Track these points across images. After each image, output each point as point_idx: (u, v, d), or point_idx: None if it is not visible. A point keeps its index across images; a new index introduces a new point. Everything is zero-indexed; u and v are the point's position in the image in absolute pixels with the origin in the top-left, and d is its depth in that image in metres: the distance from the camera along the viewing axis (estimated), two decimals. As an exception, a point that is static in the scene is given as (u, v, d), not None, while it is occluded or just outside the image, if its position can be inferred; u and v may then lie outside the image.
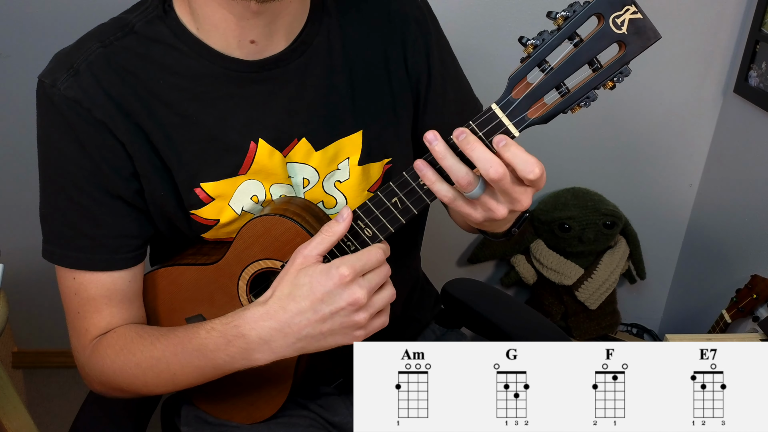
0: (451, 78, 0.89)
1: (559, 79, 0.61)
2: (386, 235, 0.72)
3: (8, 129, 1.58)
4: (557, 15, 0.59)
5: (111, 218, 0.78)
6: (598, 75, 0.61)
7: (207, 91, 0.77)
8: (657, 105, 1.64)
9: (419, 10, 0.85)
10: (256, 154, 0.78)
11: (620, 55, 0.60)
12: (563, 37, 0.60)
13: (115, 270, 0.80)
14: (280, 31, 0.76)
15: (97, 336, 0.81)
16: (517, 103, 0.62)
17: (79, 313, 0.81)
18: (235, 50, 0.76)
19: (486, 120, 0.63)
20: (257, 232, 0.78)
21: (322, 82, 0.80)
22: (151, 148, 0.76)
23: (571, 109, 0.63)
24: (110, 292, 0.80)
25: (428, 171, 0.66)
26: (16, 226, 1.63)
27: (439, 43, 0.87)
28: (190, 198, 0.79)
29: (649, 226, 1.79)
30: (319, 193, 0.83)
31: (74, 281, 0.80)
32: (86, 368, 0.83)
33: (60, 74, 0.74)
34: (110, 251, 0.79)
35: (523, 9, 1.52)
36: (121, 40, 0.75)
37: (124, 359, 0.78)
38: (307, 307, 0.68)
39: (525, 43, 0.61)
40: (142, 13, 0.77)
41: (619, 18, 0.58)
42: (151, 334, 0.78)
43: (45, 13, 1.46)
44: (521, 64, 0.62)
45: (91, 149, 0.75)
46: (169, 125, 0.76)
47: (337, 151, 0.82)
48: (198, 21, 0.75)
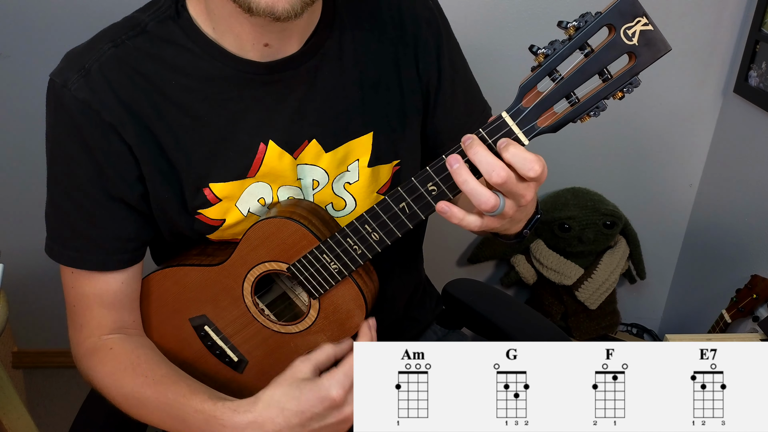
0: (461, 80, 0.89)
1: (569, 89, 0.61)
2: (393, 240, 0.73)
3: (8, 129, 1.58)
4: (568, 25, 0.59)
5: (110, 221, 0.79)
6: (608, 85, 0.61)
7: (218, 93, 0.76)
8: (657, 105, 1.64)
9: (430, 12, 0.84)
10: (265, 156, 0.78)
11: (630, 66, 0.60)
12: (574, 47, 0.60)
13: (108, 271, 0.81)
14: (294, 34, 0.76)
15: (91, 335, 0.83)
16: (527, 111, 0.63)
17: (75, 306, 0.84)
18: (249, 52, 0.75)
19: (496, 128, 0.63)
20: (264, 234, 0.78)
21: (332, 83, 0.80)
22: (159, 151, 0.76)
23: (581, 119, 0.63)
24: (102, 292, 0.82)
25: (454, 209, 0.65)
26: (16, 226, 1.63)
27: (450, 45, 0.86)
28: (198, 198, 0.79)
29: (649, 226, 1.79)
30: (329, 195, 0.83)
31: (71, 275, 0.82)
32: (79, 364, 0.85)
33: (71, 74, 0.74)
34: (106, 253, 0.80)
35: (531, 10, 1.52)
36: (132, 40, 0.75)
37: (111, 383, 0.80)
38: (296, 423, 0.71)
39: (536, 52, 0.61)
40: (155, 13, 0.77)
41: (630, 29, 0.58)
42: (144, 373, 0.79)
43: (45, 13, 1.46)
44: (532, 73, 0.62)
45: (96, 152, 0.75)
46: (179, 126, 0.76)
47: (347, 152, 0.82)
48: (214, 21, 0.75)
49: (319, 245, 0.76)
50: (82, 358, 0.84)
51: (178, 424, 0.76)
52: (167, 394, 0.77)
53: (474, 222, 0.66)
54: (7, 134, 1.58)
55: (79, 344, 0.84)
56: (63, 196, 0.79)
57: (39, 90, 0.79)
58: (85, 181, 0.77)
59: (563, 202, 1.66)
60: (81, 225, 0.79)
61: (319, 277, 0.77)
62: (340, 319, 0.81)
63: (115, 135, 0.75)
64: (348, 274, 0.77)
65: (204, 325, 0.85)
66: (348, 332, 0.81)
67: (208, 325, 0.85)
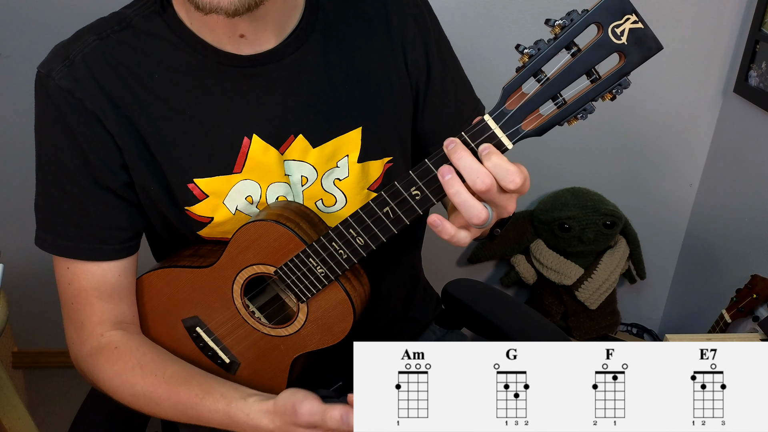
0: (451, 77, 0.88)
1: (555, 90, 0.59)
2: (378, 245, 0.72)
3: (8, 129, 1.58)
4: (555, 23, 0.57)
5: (99, 208, 0.79)
6: (596, 86, 0.59)
7: (201, 86, 0.77)
8: (657, 105, 1.64)
9: (418, 8, 0.84)
10: (249, 150, 0.78)
11: (619, 66, 0.58)
12: (560, 47, 0.57)
13: (103, 260, 0.81)
14: (270, 26, 0.76)
15: (92, 332, 0.82)
16: (510, 114, 0.61)
17: (73, 304, 0.82)
18: (227, 44, 0.76)
19: (478, 131, 0.61)
20: (251, 237, 0.78)
21: (318, 78, 0.80)
22: (141, 142, 0.77)
23: (568, 121, 0.61)
24: (100, 284, 0.81)
25: (446, 224, 0.64)
26: (16, 226, 1.63)
27: (439, 42, 0.86)
28: (184, 194, 0.79)
29: (649, 226, 1.79)
30: (318, 191, 0.83)
31: (68, 271, 0.81)
32: (82, 365, 0.84)
33: (56, 65, 0.75)
34: (98, 241, 0.80)
35: (524, 8, 1.52)
36: (118, 34, 0.76)
37: (120, 383, 0.80)
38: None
39: (521, 51, 0.59)
40: (141, 8, 0.78)
41: (619, 27, 0.56)
42: (154, 372, 0.79)
43: (45, 13, 1.46)
44: (516, 74, 0.59)
45: (81, 139, 0.76)
46: (161, 120, 0.76)
47: (335, 148, 0.82)
48: (191, 16, 0.76)
49: (305, 249, 0.75)
50: (87, 358, 0.83)
51: (195, 420, 0.77)
52: (179, 395, 0.77)
53: (464, 238, 0.65)
54: (7, 134, 1.58)
55: (81, 343, 0.83)
56: (52, 185, 0.79)
57: (39, 90, 0.79)
58: (72, 168, 0.77)
59: (563, 202, 1.66)
60: (72, 213, 0.79)
61: (306, 281, 0.77)
62: (328, 324, 0.80)
63: (98, 124, 0.75)
64: (335, 279, 0.76)
65: (196, 326, 0.85)
66: (337, 337, 0.80)
67: (200, 326, 0.85)
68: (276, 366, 0.85)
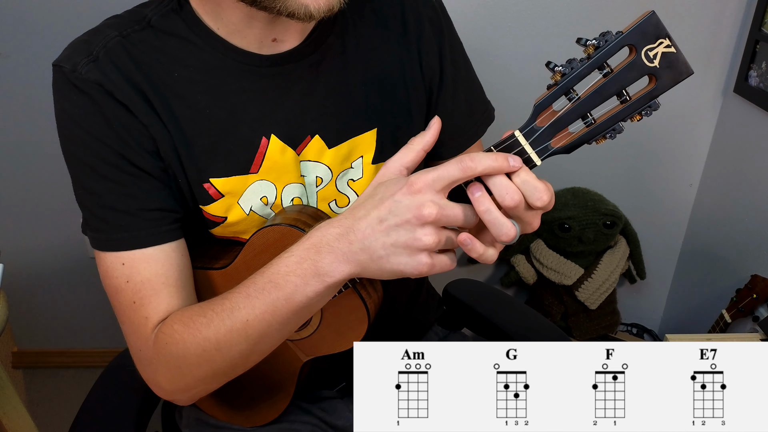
0: (462, 80, 0.88)
1: (585, 109, 0.59)
2: None
3: (8, 129, 1.58)
4: (588, 43, 0.57)
5: (145, 191, 0.75)
6: (626, 107, 0.59)
7: (219, 84, 0.76)
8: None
9: (433, 10, 0.84)
10: (267, 150, 0.78)
11: (650, 89, 0.58)
12: (593, 67, 0.57)
13: (164, 242, 0.76)
14: (297, 28, 0.77)
15: (158, 323, 0.75)
16: (541, 131, 0.61)
17: (135, 302, 0.75)
18: (252, 45, 0.76)
19: (508, 147, 0.61)
20: (267, 241, 0.77)
21: (335, 79, 0.80)
22: (168, 135, 0.76)
23: (596, 140, 0.61)
24: (165, 269, 0.76)
25: (476, 243, 0.62)
26: (16, 226, 1.63)
27: (452, 44, 0.86)
28: (200, 193, 0.78)
29: (649, 226, 1.79)
30: (332, 192, 0.83)
31: (124, 267, 0.75)
32: (154, 363, 0.75)
33: (79, 59, 0.73)
34: (152, 225, 0.75)
35: (531, 11, 1.52)
36: (138, 33, 0.75)
37: (194, 327, 0.72)
38: (373, 214, 0.63)
39: (553, 69, 0.58)
40: (158, 7, 0.77)
41: (652, 51, 0.57)
42: (213, 309, 0.72)
43: (45, 13, 1.46)
44: (548, 91, 0.59)
45: (118, 127, 0.73)
46: (181, 117, 0.76)
47: (350, 149, 0.82)
48: (219, 22, 0.75)
49: None
50: (155, 348, 0.74)
51: (268, 292, 0.68)
52: (251, 277, 0.70)
53: (492, 256, 0.63)
54: (7, 134, 1.58)
55: (146, 340, 0.75)
56: (93, 179, 0.75)
57: (39, 90, 0.79)
58: (111, 155, 0.73)
59: (563, 202, 1.66)
60: (117, 202, 0.75)
61: None
62: (342, 330, 0.80)
63: (130, 114, 0.74)
64: (351, 285, 0.75)
65: None
66: (349, 343, 0.80)
67: None
68: (286, 370, 0.85)
